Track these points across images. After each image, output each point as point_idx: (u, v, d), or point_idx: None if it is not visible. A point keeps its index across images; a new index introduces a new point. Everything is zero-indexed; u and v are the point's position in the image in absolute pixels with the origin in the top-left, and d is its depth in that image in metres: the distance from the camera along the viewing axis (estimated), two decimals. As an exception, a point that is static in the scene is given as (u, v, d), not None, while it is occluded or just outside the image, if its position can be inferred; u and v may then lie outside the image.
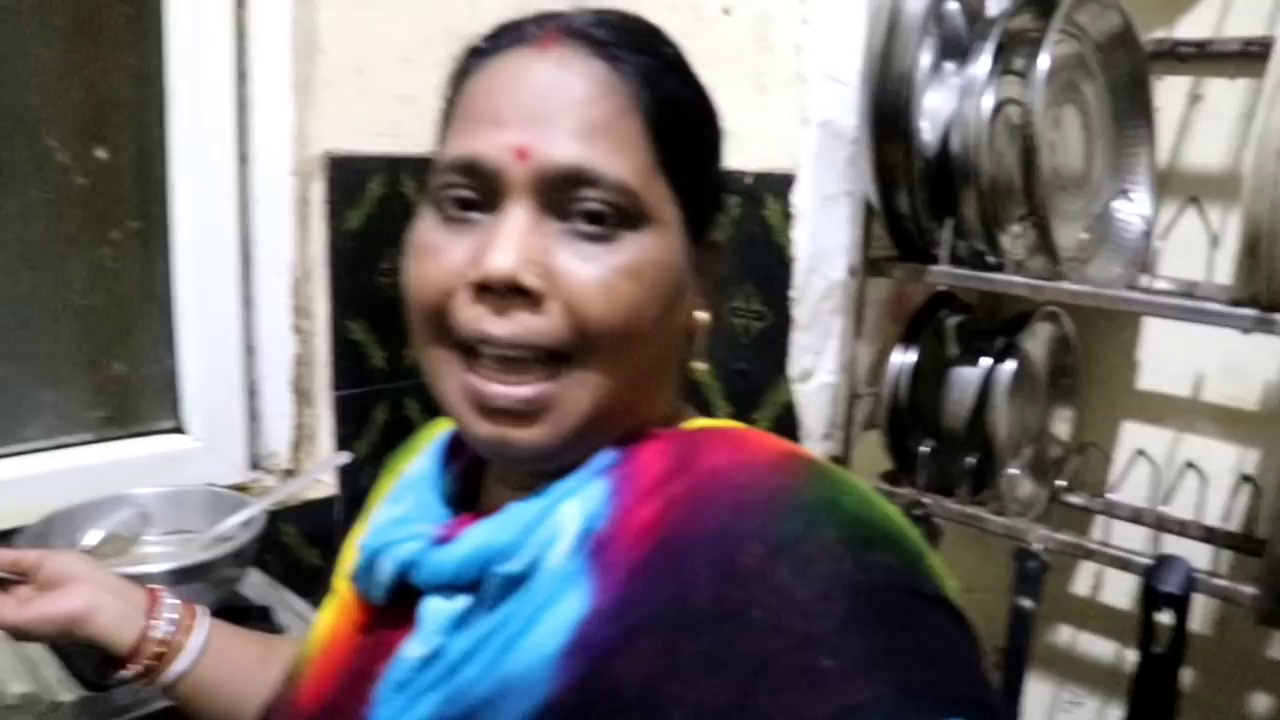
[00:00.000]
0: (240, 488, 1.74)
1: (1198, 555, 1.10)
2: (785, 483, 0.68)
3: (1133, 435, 1.27)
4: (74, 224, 1.61)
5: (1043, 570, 1.09)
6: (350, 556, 0.86)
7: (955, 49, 1.10)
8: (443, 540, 0.74)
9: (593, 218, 0.69)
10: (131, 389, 1.72)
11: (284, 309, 1.79)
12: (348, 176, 1.79)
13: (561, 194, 0.69)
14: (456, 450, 0.87)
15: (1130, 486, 1.21)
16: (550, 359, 0.69)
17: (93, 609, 0.97)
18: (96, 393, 1.68)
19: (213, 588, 1.37)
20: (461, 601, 0.72)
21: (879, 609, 0.61)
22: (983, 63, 1.04)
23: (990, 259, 1.09)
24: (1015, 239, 1.07)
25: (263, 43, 1.70)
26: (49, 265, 1.60)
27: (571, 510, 0.71)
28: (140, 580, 1.05)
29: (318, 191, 1.77)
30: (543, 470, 0.74)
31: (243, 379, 1.78)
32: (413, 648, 0.73)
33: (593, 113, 0.70)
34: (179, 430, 1.76)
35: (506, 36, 0.74)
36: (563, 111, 0.69)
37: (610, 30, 0.73)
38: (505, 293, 0.68)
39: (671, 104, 0.73)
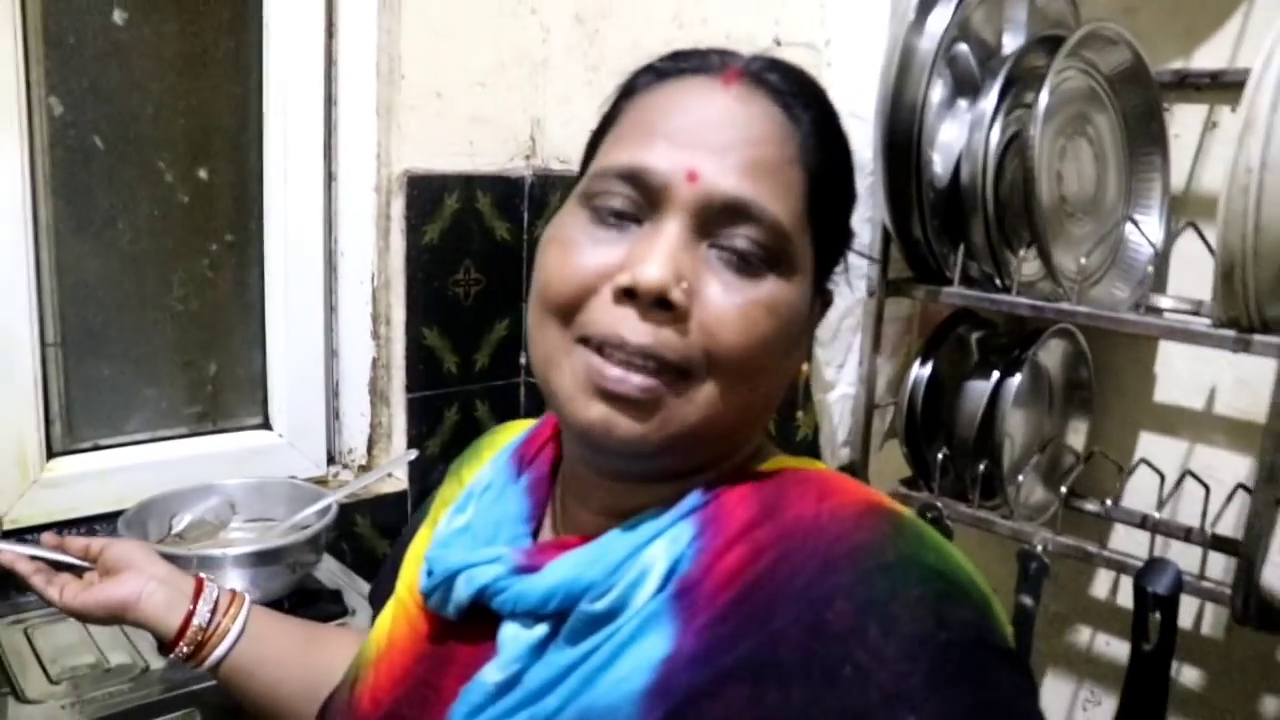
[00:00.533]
0: (320, 481, 1.88)
1: (1200, 560, 1.14)
2: (871, 538, 0.69)
3: (1147, 445, 1.32)
4: (177, 237, 1.77)
5: (1043, 570, 1.16)
6: (415, 565, 0.89)
7: (971, 86, 1.18)
8: (527, 569, 0.75)
9: (743, 251, 0.71)
10: (223, 388, 1.87)
11: (364, 316, 1.93)
12: (425, 193, 1.92)
13: (718, 222, 0.71)
14: (524, 464, 0.89)
15: (1142, 494, 1.26)
16: (673, 371, 0.70)
17: (139, 596, 1.05)
18: (192, 390, 1.83)
19: (288, 570, 1.50)
20: (540, 630, 0.73)
21: (959, 665, 0.64)
22: (989, 98, 1.12)
23: (998, 281, 1.17)
24: (1021, 262, 1.15)
25: (349, 70, 1.85)
26: (153, 273, 1.75)
27: (658, 551, 0.72)
28: (204, 566, 1.15)
29: (398, 207, 1.90)
30: (628, 477, 0.77)
31: (325, 381, 1.92)
32: (491, 673, 0.74)
33: (764, 153, 0.71)
34: (266, 426, 1.91)
35: (689, 62, 0.76)
36: (736, 145, 0.71)
37: (787, 80, 0.74)
38: (650, 303, 0.69)
39: (831, 160, 0.76)
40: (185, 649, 1.04)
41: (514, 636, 0.74)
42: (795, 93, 0.74)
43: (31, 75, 1.56)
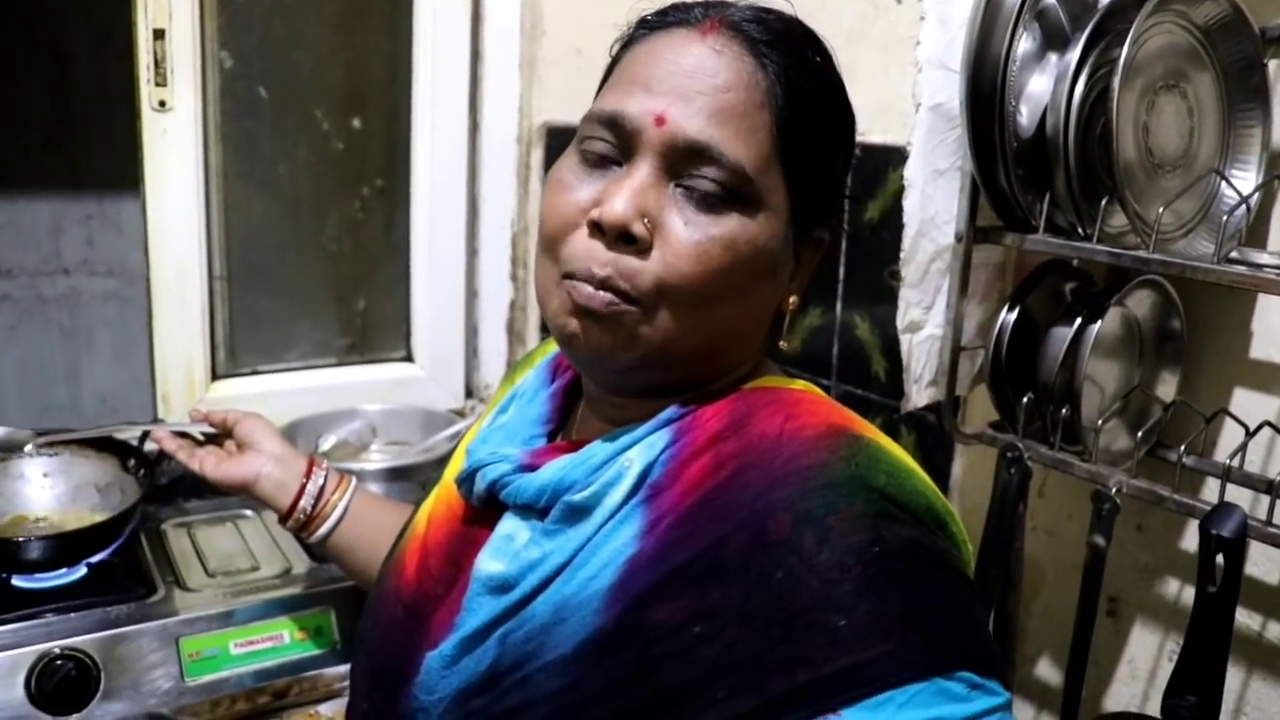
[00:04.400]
0: (458, 412, 2.01)
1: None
2: (823, 458, 0.74)
3: (1240, 399, 1.32)
4: (331, 182, 1.91)
5: (1114, 511, 1.19)
6: (461, 455, 0.99)
7: (1062, 40, 1.20)
8: (528, 468, 0.85)
9: (705, 189, 0.77)
10: (371, 323, 2.01)
11: (503, 260, 2.04)
12: (564, 144, 1.92)
13: (685, 163, 0.77)
14: (557, 372, 0.99)
15: (1230, 446, 1.27)
16: (633, 297, 0.77)
17: (257, 478, 1.22)
18: (342, 324, 1.98)
19: (419, 487, 1.63)
20: (526, 533, 0.83)
21: (890, 574, 0.69)
22: (1074, 52, 1.14)
23: (1080, 230, 1.19)
24: (1104, 213, 1.17)
25: (494, 27, 1.95)
26: (309, 216, 1.91)
27: (634, 455, 0.80)
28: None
29: (537, 157, 2.00)
30: (621, 391, 0.85)
31: (465, 319, 2.04)
32: (485, 561, 0.84)
33: (730, 99, 0.77)
34: (409, 359, 2.05)
35: (674, 15, 0.82)
36: (704, 92, 0.77)
37: (763, 28, 0.80)
38: (614, 237, 0.76)
39: (804, 105, 0.80)
40: (295, 522, 1.21)
41: (507, 533, 0.84)
42: (770, 40, 0.79)
43: (206, 31, 1.71)
